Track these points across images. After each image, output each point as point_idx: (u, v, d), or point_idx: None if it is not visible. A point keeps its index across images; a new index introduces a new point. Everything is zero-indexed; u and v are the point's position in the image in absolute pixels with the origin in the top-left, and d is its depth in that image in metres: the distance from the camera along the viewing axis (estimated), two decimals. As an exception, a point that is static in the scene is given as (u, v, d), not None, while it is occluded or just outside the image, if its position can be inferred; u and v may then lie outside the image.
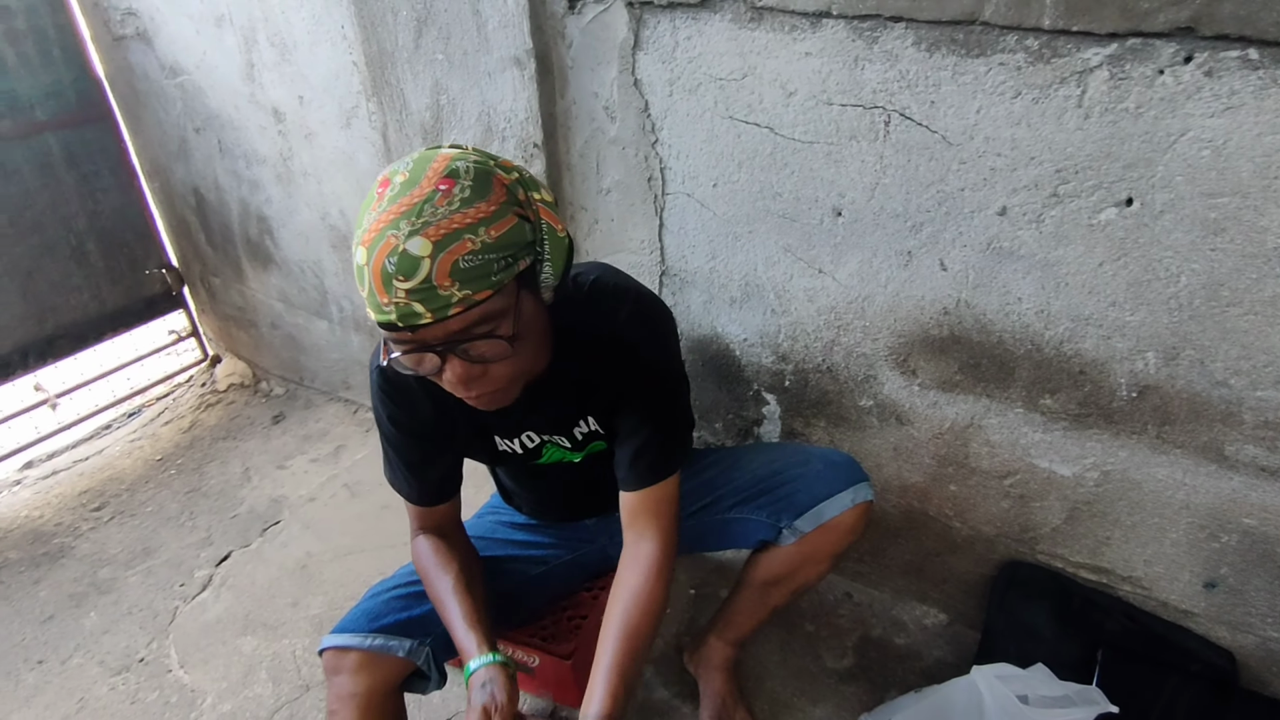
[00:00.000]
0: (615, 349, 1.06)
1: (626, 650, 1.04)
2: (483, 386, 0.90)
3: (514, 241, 0.84)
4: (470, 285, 0.81)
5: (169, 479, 2.30)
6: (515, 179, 0.87)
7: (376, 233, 0.80)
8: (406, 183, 0.81)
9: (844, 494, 1.23)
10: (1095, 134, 1.08)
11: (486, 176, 0.83)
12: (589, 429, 1.16)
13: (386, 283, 0.79)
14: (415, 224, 0.79)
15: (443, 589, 1.12)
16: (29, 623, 1.82)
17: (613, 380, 1.08)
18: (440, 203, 0.80)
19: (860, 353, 1.45)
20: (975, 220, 1.23)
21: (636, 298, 1.09)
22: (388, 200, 0.81)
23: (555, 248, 0.91)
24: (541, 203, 0.90)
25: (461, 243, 0.79)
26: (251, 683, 1.63)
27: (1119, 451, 1.29)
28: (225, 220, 2.43)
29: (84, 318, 2.49)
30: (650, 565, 1.09)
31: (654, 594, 1.08)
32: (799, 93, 1.27)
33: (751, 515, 1.29)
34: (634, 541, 1.12)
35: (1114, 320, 1.19)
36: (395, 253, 0.78)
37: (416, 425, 1.12)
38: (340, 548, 1.97)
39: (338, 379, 2.54)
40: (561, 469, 1.23)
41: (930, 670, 1.56)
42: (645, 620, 1.07)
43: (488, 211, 0.82)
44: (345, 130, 1.92)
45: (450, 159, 0.83)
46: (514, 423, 1.15)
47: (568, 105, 1.53)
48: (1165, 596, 1.38)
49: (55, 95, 2.29)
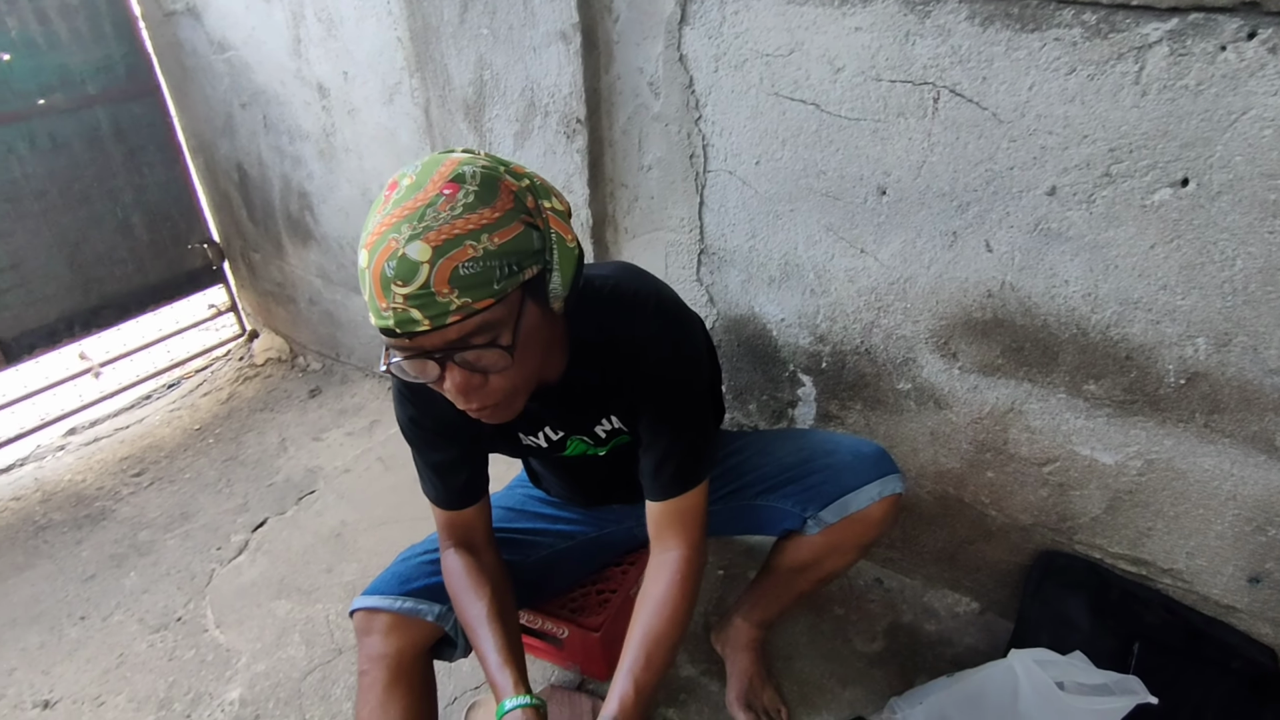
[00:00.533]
0: (636, 358, 1.03)
1: (645, 657, 1.03)
2: (483, 399, 0.88)
3: (519, 249, 0.82)
4: (470, 293, 0.79)
5: (207, 447, 2.35)
6: (524, 186, 0.85)
7: (378, 236, 0.78)
8: (412, 186, 0.80)
9: (871, 486, 1.21)
10: (1152, 112, 1.06)
11: (493, 182, 0.81)
12: (612, 427, 1.15)
13: (385, 287, 0.78)
14: (416, 228, 0.77)
15: (474, 617, 1.10)
16: (72, 580, 1.87)
17: (634, 387, 1.05)
18: (443, 207, 0.78)
19: (900, 335, 1.44)
20: (1023, 200, 1.21)
21: (658, 303, 1.06)
22: (392, 203, 0.79)
23: (564, 257, 0.88)
24: (552, 211, 0.87)
25: (462, 249, 0.77)
26: (285, 644, 1.66)
27: (1164, 440, 1.27)
28: (267, 196, 2.46)
29: (127, 289, 2.54)
30: (675, 575, 1.08)
31: (678, 604, 1.07)
32: (847, 68, 1.26)
33: (777, 504, 1.28)
34: (660, 550, 1.11)
35: (1164, 304, 1.16)
36: (394, 257, 0.77)
37: (437, 425, 1.10)
38: (374, 518, 2.00)
39: (373, 355, 2.57)
40: (586, 461, 1.22)
41: (961, 657, 1.55)
42: (667, 628, 1.06)
43: (491, 218, 0.79)
44: (388, 106, 1.94)
45: (458, 163, 0.81)
46: (533, 419, 1.14)
47: (612, 80, 1.53)
48: (1207, 590, 1.36)
49: (105, 70, 2.33)
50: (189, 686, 1.58)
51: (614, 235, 1.72)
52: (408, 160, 1.99)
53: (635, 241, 1.69)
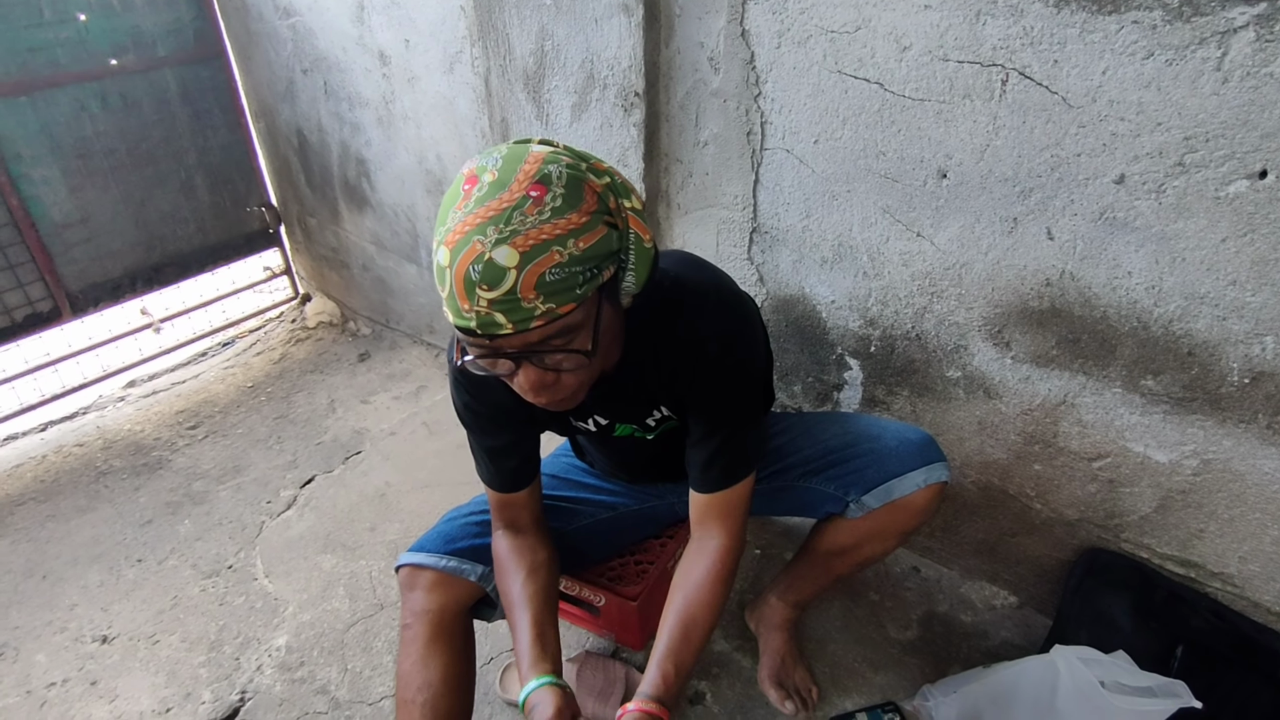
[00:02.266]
0: (694, 355, 1.02)
1: (682, 639, 1.04)
2: (554, 394, 0.89)
3: (601, 253, 0.81)
4: (554, 299, 0.78)
5: (259, 405, 2.41)
6: (606, 184, 0.84)
7: (462, 235, 0.76)
8: (495, 184, 0.77)
9: (916, 473, 1.19)
10: (1232, 100, 1.03)
11: (579, 184, 0.80)
12: (661, 415, 1.15)
13: (469, 290, 0.77)
14: (503, 232, 0.75)
15: (510, 595, 1.12)
16: (130, 525, 1.95)
17: (689, 382, 1.05)
18: (530, 211, 0.76)
19: (953, 321, 1.42)
20: (1089, 188, 1.18)
21: (719, 299, 1.05)
22: (475, 201, 0.77)
23: (640, 258, 0.87)
24: (631, 210, 0.86)
25: (549, 255, 0.76)
26: (330, 597, 1.71)
27: (1223, 440, 1.24)
28: (325, 162, 2.51)
29: (188, 249, 2.62)
30: (715, 562, 1.09)
31: (715, 589, 1.08)
32: (914, 47, 1.24)
33: (820, 486, 1.28)
34: (702, 536, 1.12)
35: (1232, 300, 1.13)
36: (480, 260, 0.75)
37: (492, 411, 1.11)
38: (417, 480, 2.04)
39: (423, 323, 2.62)
40: (634, 443, 1.23)
41: (996, 650, 1.54)
42: (704, 613, 1.06)
43: (578, 223, 0.78)
44: (448, 75, 1.95)
45: (542, 160, 0.79)
46: (586, 408, 1.15)
47: (672, 55, 1.52)
48: (1258, 597, 1.33)
49: (175, 32, 2.39)
50: (238, 631, 1.64)
51: (666, 211, 1.72)
52: (465, 129, 2.01)
53: (687, 218, 1.69)
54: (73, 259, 2.34)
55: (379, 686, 1.51)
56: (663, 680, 1.01)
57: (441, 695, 1.15)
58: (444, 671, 1.17)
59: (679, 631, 1.05)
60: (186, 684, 1.54)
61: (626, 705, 0.99)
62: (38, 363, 2.40)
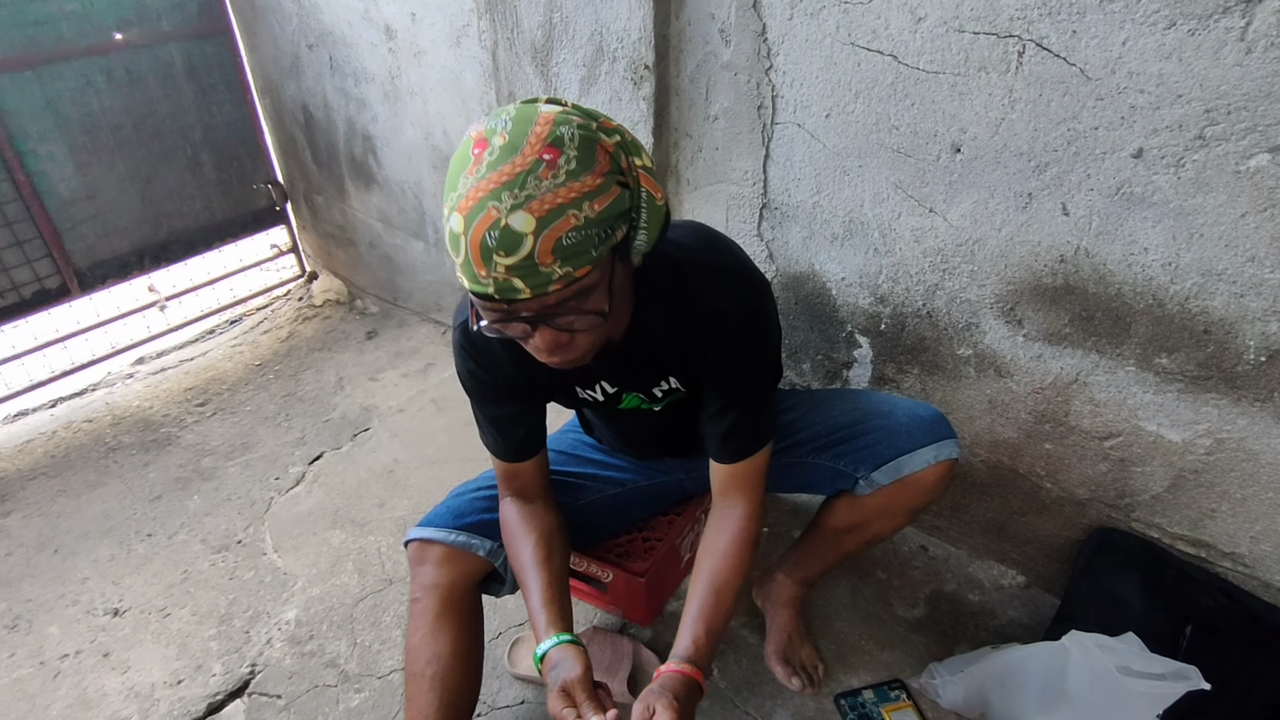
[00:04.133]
0: (710, 327, 1.03)
1: (712, 603, 1.06)
2: (567, 354, 0.89)
3: (614, 213, 0.80)
4: (571, 262, 0.77)
5: (267, 382, 2.42)
6: (617, 143, 0.82)
7: (475, 202, 0.75)
8: (506, 147, 0.76)
9: (926, 450, 1.18)
10: (1256, 71, 1.01)
11: (591, 145, 0.78)
12: (669, 387, 1.15)
13: (486, 257, 0.76)
14: (518, 197, 0.74)
15: (521, 560, 1.13)
16: (139, 500, 1.96)
17: (704, 355, 1.05)
18: (545, 175, 0.75)
19: (964, 299, 1.41)
20: (1106, 162, 1.16)
21: (734, 271, 1.04)
22: (486, 165, 0.76)
23: (652, 216, 0.86)
24: (642, 169, 0.85)
25: (565, 219, 0.75)
26: (339, 572, 1.72)
27: (1238, 419, 1.22)
28: (331, 138, 2.49)
29: (195, 226, 2.61)
30: (738, 529, 1.11)
31: (740, 555, 1.10)
32: (929, 18, 1.22)
33: (829, 463, 1.27)
34: (723, 507, 1.14)
35: (1250, 277, 1.11)
36: (496, 227, 0.74)
37: (497, 380, 1.12)
38: (425, 457, 2.05)
39: (430, 300, 2.61)
40: (640, 415, 1.23)
41: (1003, 630, 1.54)
42: (732, 577, 1.08)
43: (593, 185, 0.77)
44: (454, 49, 1.93)
45: (553, 122, 0.77)
46: (593, 376, 1.14)
47: (682, 27, 1.50)
48: (1269, 576, 1.32)
49: (180, 7, 2.37)
50: (248, 605, 1.66)
51: (675, 186, 1.70)
52: (472, 104, 1.99)
53: (697, 193, 1.67)
54: (80, 235, 2.34)
55: (388, 660, 1.52)
56: (694, 643, 1.02)
57: (450, 668, 1.16)
58: (453, 645, 1.17)
59: (709, 596, 1.06)
60: (197, 656, 1.55)
61: (661, 667, 1.00)
62: (47, 339, 2.41)
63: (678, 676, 0.98)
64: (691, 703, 0.98)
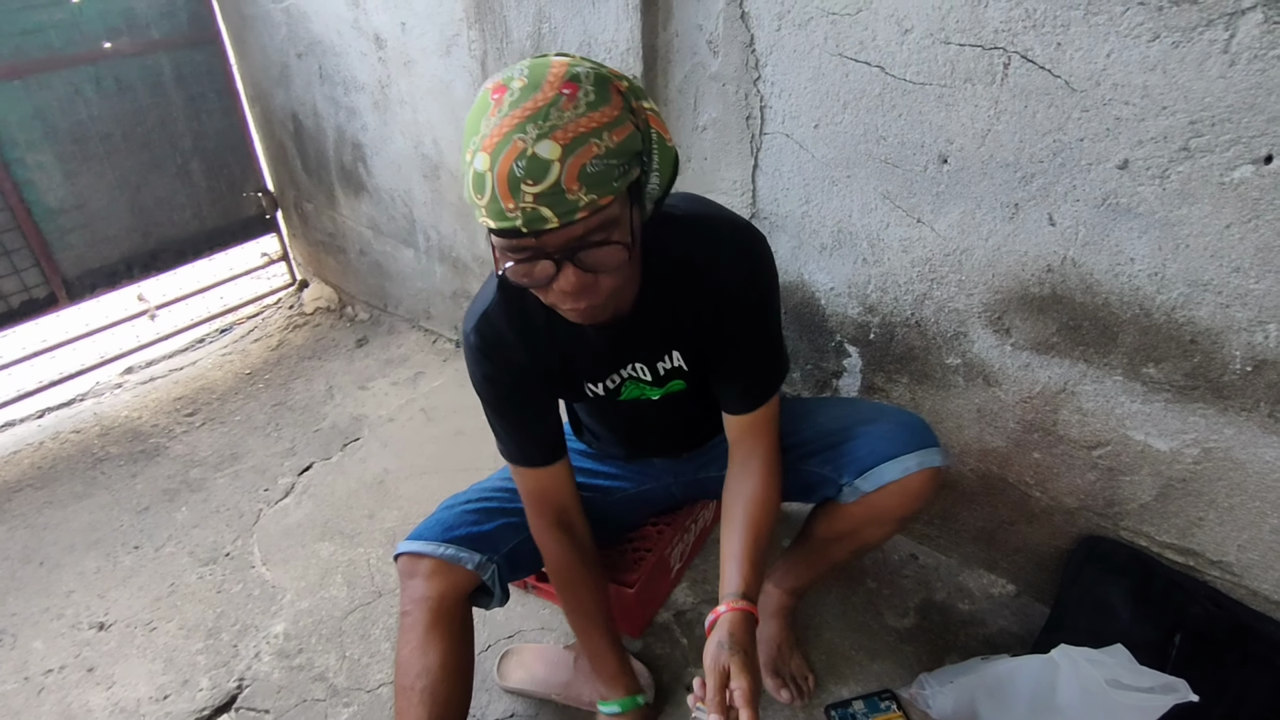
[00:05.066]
0: (719, 280, 1.06)
1: (751, 540, 1.11)
2: (591, 297, 0.90)
3: (630, 149, 0.83)
4: (595, 190, 0.80)
5: (257, 392, 2.41)
6: (627, 86, 0.87)
7: (500, 137, 0.78)
8: (527, 87, 0.79)
9: (908, 457, 1.18)
10: (1239, 83, 1.01)
11: (605, 82, 0.83)
12: (672, 365, 1.16)
13: (514, 187, 0.78)
14: (543, 127, 0.77)
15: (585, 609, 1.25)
16: (127, 511, 1.95)
17: (717, 314, 1.08)
18: (566, 106, 0.78)
19: (953, 308, 1.41)
20: (1092, 173, 1.17)
21: (733, 229, 1.08)
22: (508, 105, 0.79)
23: (664, 157, 0.90)
24: (650, 111, 0.89)
25: (588, 146, 0.78)
26: (328, 584, 1.71)
27: (1224, 429, 1.23)
28: (321, 147, 2.49)
29: (185, 234, 2.60)
30: (763, 471, 1.16)
31: (770, 495, 1.16)
32: (915, 30, 1.22)
33: (815, 469, 1.27)
34: (744, 456, 1.18)
35: (1236, 287, 1.12)
36: (524, 156, 0.77)
37: (514, 375, 1.12)
38: (415, 467, 2.04)
39: (420, 308, 2.61)
40: (639, 406, 1.23)
41: (993, 639, 1.54)
42: (765, 517, 1.14)
43: (611, 116, 0.81)
44: (444, 58, 1.93)
45: (568, 65, 0.82)
46: (601, 359, 1.15)
47: (670, 38, 1.50)
48: (1257, 585, 1.32)
49: (169, 15, 2.37)
50: (236, 618, 1.64)
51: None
52: (462, 113, 1.99)
53: (685, 204, 1.67)
54: (69, 245, 2.33)
55: (377, 673, 1.51)
56: (743, 579, 1.06)
57: (440, 681, 1.16)
58: (443, 658, 1.17)
59: (749, 532, 1.12)
60: (184, 671, 1.54)
61: (718, 609, 1.04)
62: (35, 349, 2.40)
63: (738, 615, 1.02)
64: (753, 637, 1.03)
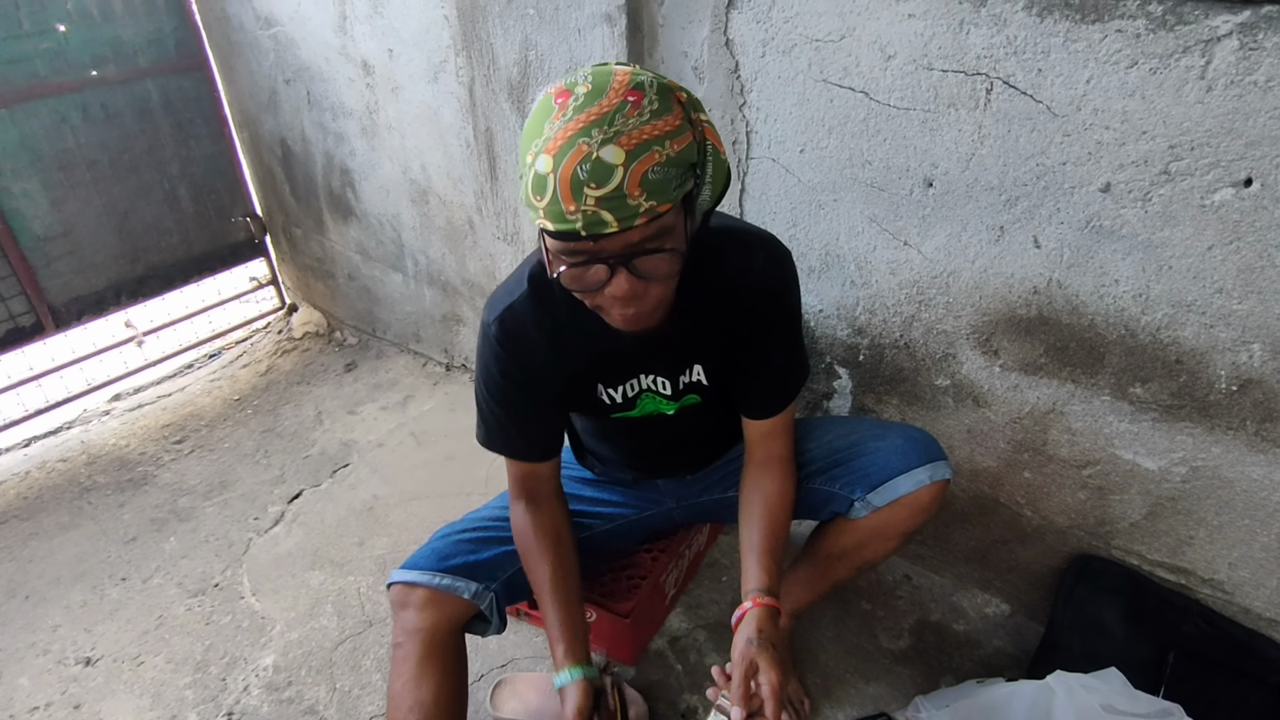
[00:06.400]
0: (757, 296, 1.10)
1: (772, 535, 1.14)
2: (640, 304, 0.92)
3: (688, 160, 0.85)
4: (655, 197, 0.81)
5: (246, 418, 2.39)
6: (687, 98, 0.88)
7: (565, 140, 0.80)
8: (591, 93, 0.81)
9: (920, 470, 1.20)
10: (1217, 108, 1.03)
11: (668, 92, 0.84)
12: (692, 379, 1.18)
13: (576, 190, 0.79)
14: (607, 132, 0.79)
15: (539, 580, 1.19)
16: (114, 542, 1.92)
17: (750, 324, 1.11)
18: (630, 113, 0.80)
19: (941, 330, 1.42)
20: (1075, 196, 1.18)
21: (764, 242, 1.12)
22: (573, 109, 0.81)
23: (717, 170, 0.91)
24: (707, 124, 0.90)
25: (651, 153, 0.80)
26: (318, 614, 1.69)
27: (1212, 447, 1.23)
28: (309, 172, 2.49)
29: (173, 260, 2.59)
30: (781, 470, 1.21)
31: (787, 493, 1.20)
32: (898, 56, 1.23)
33: (825, 486, 1.27)
34: (763, 456, 1.22)
35: (1219, 308, 1.13)
36: (588, 160, 0.78)
37: (528, 377, 1.13)
38: (405, 493, 2.03)
39: (409, 331, 2.60)
40: (652, 423, 1.24)
41: (989, 659, 1.53)
42: (784, 513, 1.19)
43: (673, 125, 0.82)
44: (432, 84, 1.94)
45: (631, 73, 0.84)
46: (625, 367, 1.16)
47: (655, 64, 1.51)
48: (1249, 603, 1.32)
49: (156, 43, 2.37)
50: (225, 651, 1.62)
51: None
52: (450, 139, 1.99)
53: (674, 227, 1.68)
54: (55, 272, 2.31)
55: (368, 706, 1.49)
56: (766, 574, 1.10)
57: (433, 715, 1.14)
58: (436, 691, 1.15)
59: (768, 529, 1.15)
60: (172, 706, 1.51)
61: (744, 605, 1.06)
62: (20, 377, 2.37)
63: (764, 610, 1.05)
64: (779, 628, 1.05)
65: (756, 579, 1.09)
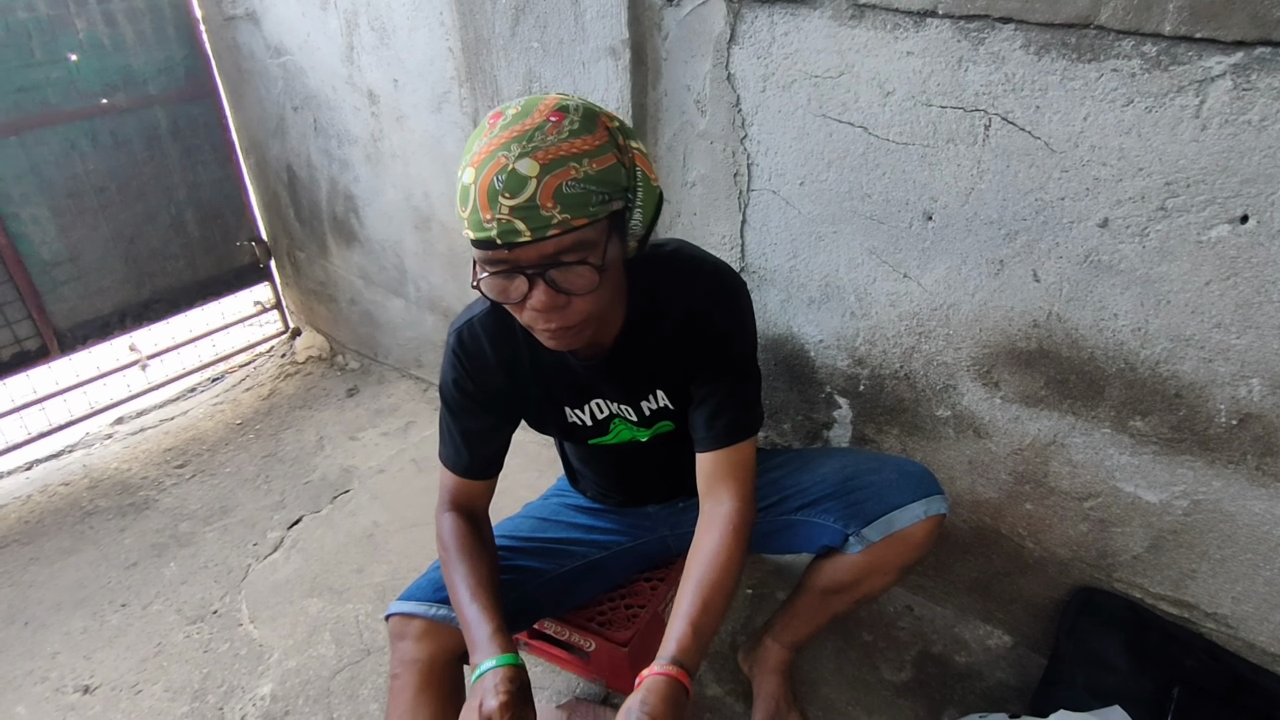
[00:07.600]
0: (694, 317, 1.09)
1: (700, 603, 1.01)
2: (563, 319, 0.93)
3: (611, 180, 0.88)
4: (569, 210, 0.85)
5: (247, 443, 2.39)
6: (616, 125, 0.92)
7: (487, 154, 0.84)
8: (519, 114, 0.86)
9: (916, 505, 1.19)
10: (1212, 146, 1.04)
11: (593, 116, 0.89)
12: (658, 405, 1.18)
13: (492, 199, 0.83)
14: (525, 147, 0.83)
15: (460, 578, 1.12)
16: (115, 567, 1.92)
17: (689, 348, 1.10)
18: (550, 131, 0.85)
19: (941, 361, 1.42)
20: (1074, 231, 1.19)
21: (714, 269, 1.12)
22: (500, 128, 0.86)
23: (647, 195, 0.94)
24: (638, 151, 0.94)
25: (566, 169, 0.84)
26: (316, 643, 1.68)
27: (1213, 481, 1.23)
28: (314, 197, 2.51)
29: (178, 284, 2.61)
30: (727, 525, 1.07)
31: (731, 553, 1.05)
32: (897, 92, 1.25)
33: (818, 519, 1.27)
34: (712, 505, 1.11)
35: (1217, 343, 1.13)
36: (504, 171, 0.83)
37: (483, 395, 1.15)
38: (405, 520, 2.02)
39: (410, 357, 2.61)
40: (629, 450, 1.24)
41: (991, 692, 1.52)
42: (722, 577, 1.03)
43: (592, 145, 0.86)
44: (435, 114, 1.96)
45: (560, 99, 0.89)
46: (585, 391, 1.17)
47: (659, 97, 1.53)
48: (1253, 637, 1.32)
49: (166, 71, 2.40)
50: (222, 679, 1.62)
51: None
52: (453, 167, 2.01)
53: (675, 257, 1.69)
54: (61, 297, 2.33)
55: (365, 736, 1.49)
56: (678, 644, 0.97)
57: None
58: None
59: (696, 597, 1.02)
60: (169, 735, 1.51)
61: (644, 672, 0.95)
62: (24, 401, 2.38)
63: (661, 679, 0.93)
64: (678, 706, 0.92)
65: (668, 648, 0.97)
